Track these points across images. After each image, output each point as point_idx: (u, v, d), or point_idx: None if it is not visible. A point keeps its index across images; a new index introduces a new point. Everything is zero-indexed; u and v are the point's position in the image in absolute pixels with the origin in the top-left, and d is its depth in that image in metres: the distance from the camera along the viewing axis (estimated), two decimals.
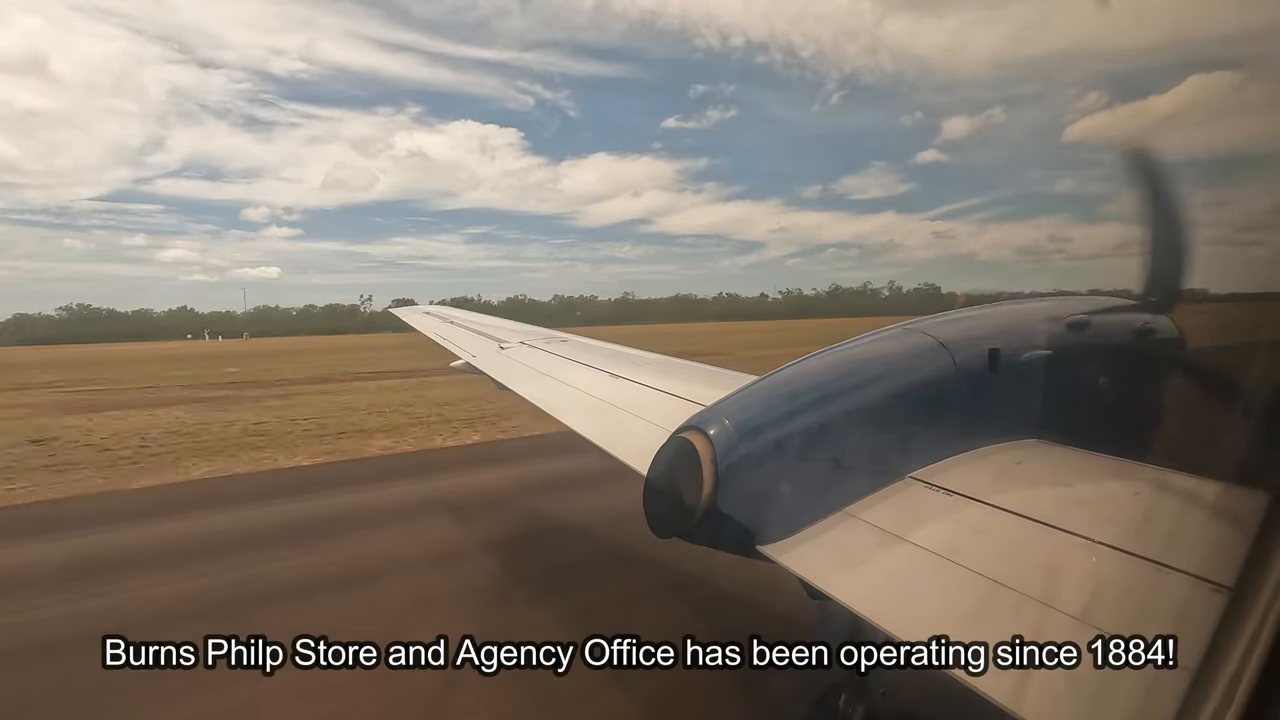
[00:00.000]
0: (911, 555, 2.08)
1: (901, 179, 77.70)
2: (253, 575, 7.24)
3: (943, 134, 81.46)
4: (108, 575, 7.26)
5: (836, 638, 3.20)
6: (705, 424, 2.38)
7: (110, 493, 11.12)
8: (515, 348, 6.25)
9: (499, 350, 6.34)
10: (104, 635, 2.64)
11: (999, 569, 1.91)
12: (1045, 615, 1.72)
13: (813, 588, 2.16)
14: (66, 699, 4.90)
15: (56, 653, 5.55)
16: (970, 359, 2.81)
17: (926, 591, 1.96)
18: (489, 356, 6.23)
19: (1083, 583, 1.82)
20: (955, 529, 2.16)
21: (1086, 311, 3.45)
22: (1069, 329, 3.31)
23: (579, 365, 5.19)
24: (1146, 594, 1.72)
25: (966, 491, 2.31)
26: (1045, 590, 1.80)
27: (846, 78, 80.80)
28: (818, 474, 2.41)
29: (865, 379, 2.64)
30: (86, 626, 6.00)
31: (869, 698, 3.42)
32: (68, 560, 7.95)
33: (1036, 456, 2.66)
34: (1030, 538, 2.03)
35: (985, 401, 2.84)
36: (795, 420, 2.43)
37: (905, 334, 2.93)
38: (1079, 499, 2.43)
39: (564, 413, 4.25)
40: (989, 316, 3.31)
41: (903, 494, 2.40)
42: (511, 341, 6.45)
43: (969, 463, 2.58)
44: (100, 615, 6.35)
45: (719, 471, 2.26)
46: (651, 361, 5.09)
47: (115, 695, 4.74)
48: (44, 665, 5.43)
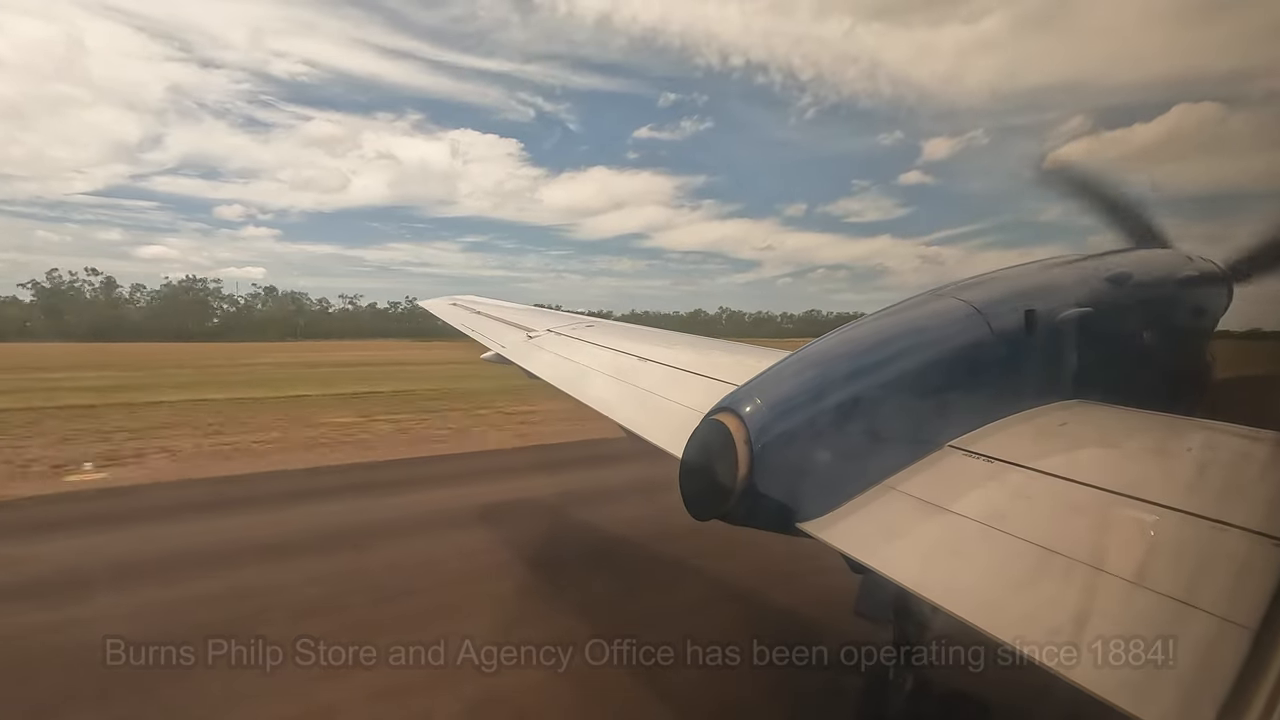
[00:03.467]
0: (954, 525, 2.07)
1: (898, 203, 76.05)
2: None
3: (938, 159, 78.54)
4: None
5: (882, 610, 3.21)
6: (738, 404, 2.39)
7: None
8: (543, 336, 6.31)
9: (527, 339, 6.40)
10: None
11: (1046, 534, 1.88)
12: (1097, 579, 1.69)
13: (855, 562, 2.16)
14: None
15: None
16: (1005, 321, 2.74)
17: (972, 561, 1.95)
18: (518, 346, 6.30)
19: (1135, 544, 1.78)
20: (998, 496, 2.13)
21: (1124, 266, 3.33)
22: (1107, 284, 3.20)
23: (608, 350, 5.21)
24: (1203, 553, 1.68)
25: (1008, 457, 2.28)
26: (1096, 554, 1.77)
27: (844, 100, 78.93)
28: (854, 448, 2.39)
29: (897, 349, 2.60)
30: None
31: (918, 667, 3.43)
32: None
33: (1079, 417, 2.60)
34: (1077, 500, 2.00)
35: (1023, 363, 2.78)
36: (828, 395, 2.42)
37: (935, 299, 2.87)
38: (1127, 458, 2.37)
39: (595, 399, 4.29)
40: (1021, 276, 3.22)
41: (942, 463, 2.38)
42: (539, 330, 6.51)
43: (1010, 427, 2.53)
44: None
45: (754, 451, 2.27)
46: (681, 342, 5.09)
47: None
48: None
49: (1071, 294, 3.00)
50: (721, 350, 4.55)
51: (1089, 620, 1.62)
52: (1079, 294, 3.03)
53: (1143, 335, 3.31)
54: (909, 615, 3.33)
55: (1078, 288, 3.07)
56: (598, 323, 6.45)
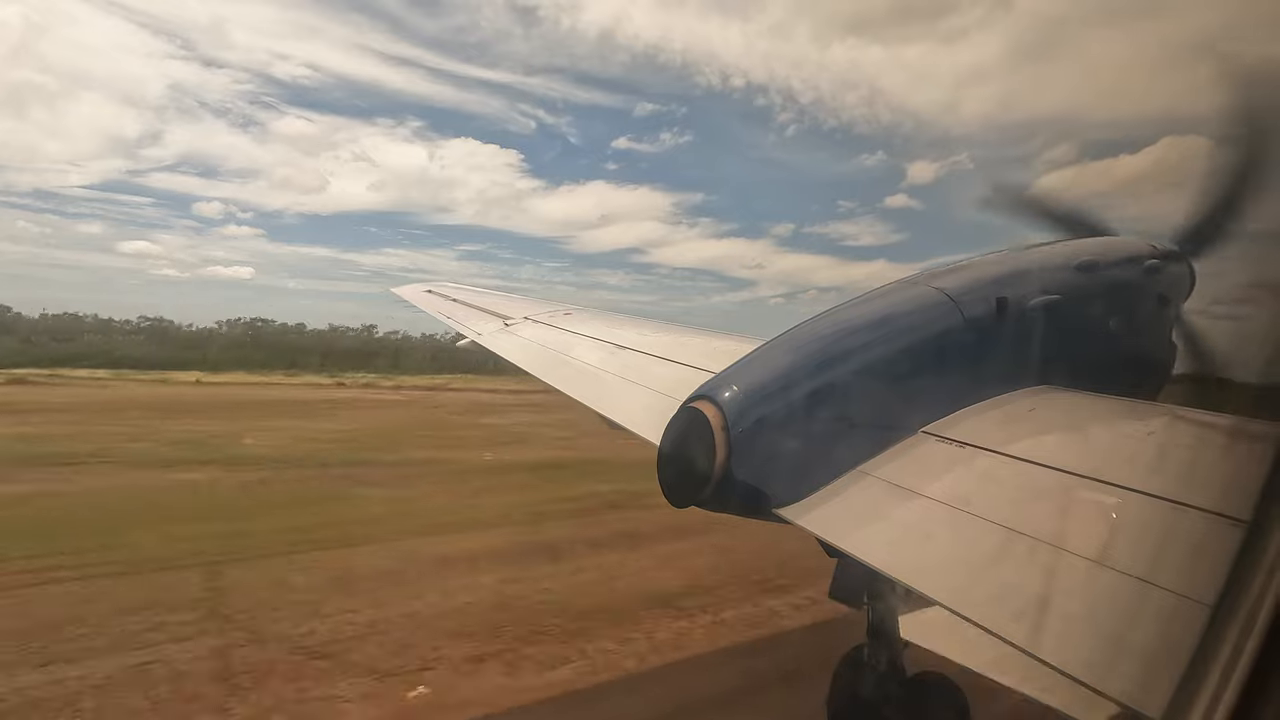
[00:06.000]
0: (925, 508, 2.10)
1: (894, 229, 75.59)
2: None
3: (929, 183, 77.12)
4: None
5: (856, 594, 3.25)
6: (714, 392, 2.39)
7: None
8: (520, 324, 6.24)
9: (504, 327, 6.33)
10: None
11: (1012, 516, 1.92)
12: (1062, 559, 1.73)
13: (830, 546, 2.19)
14: None
15: None
16: (976, 308, 2.77)
17: (941, 543, 1.98)
18: (494, 334, 6.22)
19: (1097, 525, 1.83)
20: (968, 479, 2.17)
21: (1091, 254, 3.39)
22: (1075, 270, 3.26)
23: (585, 339, 5.18)
24: (1163, 532, 1.73)
25: (978, 442, 2.32)
26: (1059, 534, 1.81)
27: (843, 125, 77.74)
28: (829, 434, 2.41)
29: (871, 336, 2.62)
30: None
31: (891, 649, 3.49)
32: None
33: (1047, 403, 2.65)
34: (1043, 483, 2.04)
35: (994, 350, 2.82)
36: (803, 383, 2.43)
37: (909, 286, 2.89)
38: (1091, 442, 2.43)
39: (572, 387, 4.26)
40: (992, 263, 3.26)
41: (916, 449, 2.41)
42: (516, 317, 6.44)
43: (981, 413, 2.58)
44: None
45: (730, 438, 2.27)
46: (657, 330, 5.07)
47: None
48: None
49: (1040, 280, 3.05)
50: (699, 337, 4.55)
51: (1053, 599, 1.66)
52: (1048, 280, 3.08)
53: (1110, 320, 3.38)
54: (881, 598, 3.38)
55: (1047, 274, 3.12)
56: (576, 310, 6.40)
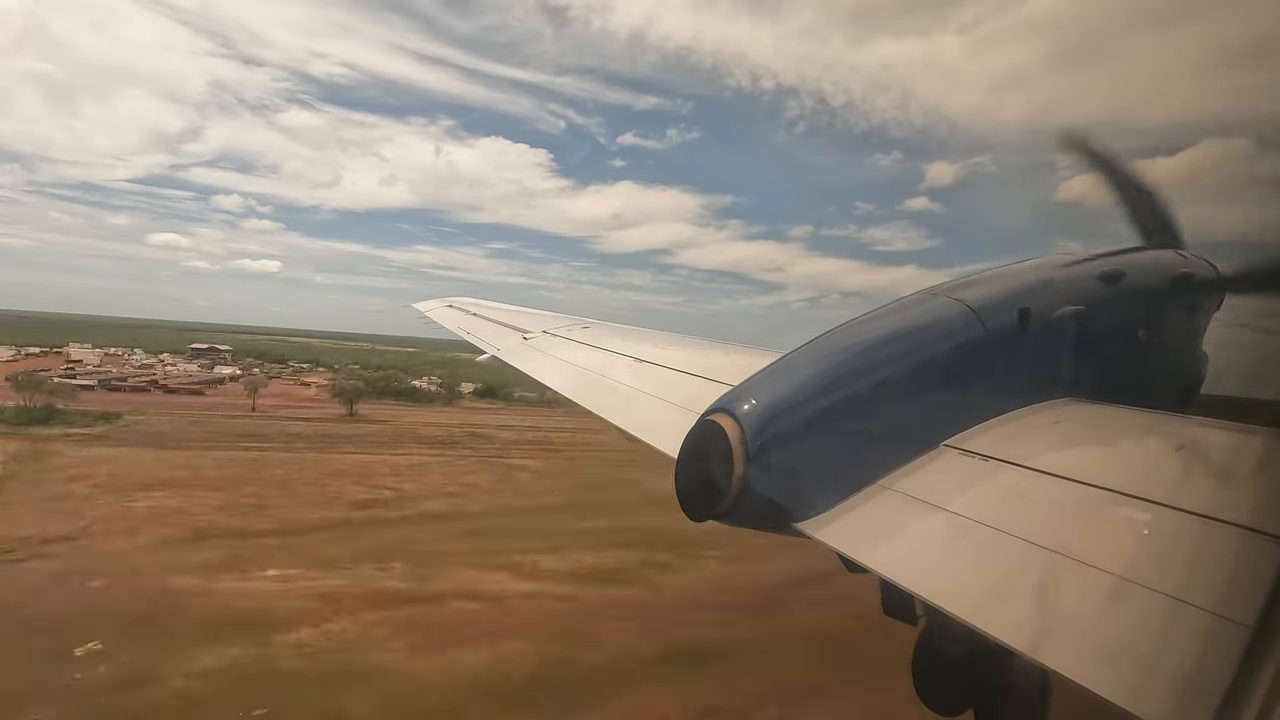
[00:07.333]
0: (948, 524, 2.06)
1: (926, 235, 74.55)
2: None
3: (968, 192, 74.96)
4: None
5: (910, 609, 3.13)
6: (733, 405, 2.37)
7: None
8: (538, 337, 6.29)
9: (523, 341, 6.38)
10: None
11: (1037, 531, 1.88)
12: (1088, 576, 1.68)
13: (850, 561, 2.15)
14: None
15: None
16: (999, 320, 2.73)
17: (967, 559, 1.94)
18: (514, 349, 6.28)
19: (1127, 541, 1.78)
20: (992, 494, 2.12)
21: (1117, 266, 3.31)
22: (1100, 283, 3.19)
23: (603, 351, 5.20)
24: (1197, 549, 1.67)
25: (1003, 455, 2.27)
26: (1087, 550, 1.76)
27: (875, 128, 77.91)
28: (849, 448, 2.38)
29: (892, 348, 2.59)
30: None
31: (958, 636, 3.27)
32: None
33: (1072, 415, 2.60)
34: (1071, 498, 1.99)
35: (1017, 362, 2.77)
36: (823, 396, 2.40)
37: (930, 298, 2.86)
38: (1118, 455, 2.37)
39: (590, 401, 4.28)
40: (1015, 275, 3.20)
41: (937, 462, 2.37)
42: (535, 331, 6.49)
43: (1004, 426, 2.53)
44: None
45: (749, 452, 2.26)
46: (675, 343, 5.07)
47: None
48: None
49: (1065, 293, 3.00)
50: (716, 350, 4.54)
51: (1082, 618, 1.61)
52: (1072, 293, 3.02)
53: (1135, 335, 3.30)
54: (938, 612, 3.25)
55: (1071, 287, 3.06)
56: (593, 324, 6.43)
